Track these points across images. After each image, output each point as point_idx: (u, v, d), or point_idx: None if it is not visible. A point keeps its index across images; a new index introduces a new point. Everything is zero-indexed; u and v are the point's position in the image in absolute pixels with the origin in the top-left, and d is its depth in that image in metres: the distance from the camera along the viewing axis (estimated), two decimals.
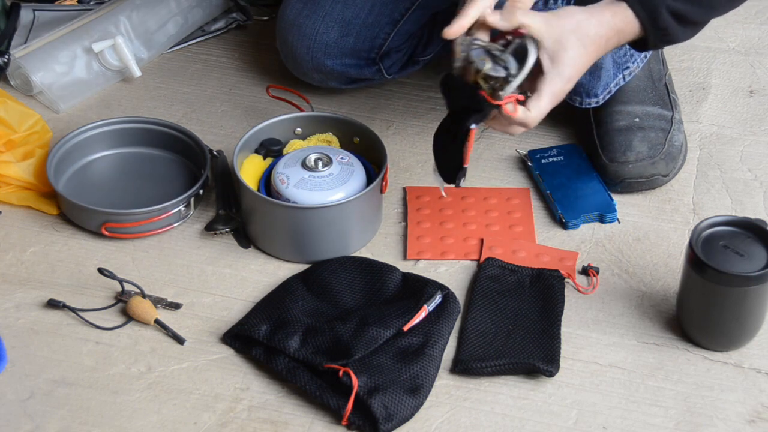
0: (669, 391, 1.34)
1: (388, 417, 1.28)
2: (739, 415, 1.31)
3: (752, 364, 1.37)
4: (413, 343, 1.36)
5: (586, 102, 1.65)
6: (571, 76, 1.35)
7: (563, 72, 1.35)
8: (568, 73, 1.35)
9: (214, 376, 1.36)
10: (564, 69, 1.34)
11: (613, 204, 1.57)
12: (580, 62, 1.36)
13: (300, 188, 1.48)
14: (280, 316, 1.39)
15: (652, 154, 1.59)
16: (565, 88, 1.36)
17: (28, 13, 1.88)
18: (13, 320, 1.43)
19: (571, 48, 1.34)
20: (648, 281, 1.48)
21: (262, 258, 1.52)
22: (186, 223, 1.57)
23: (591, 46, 1.36)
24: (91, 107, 1.80)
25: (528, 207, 1.59)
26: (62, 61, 1.80)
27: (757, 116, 1.76)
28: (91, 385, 1.35)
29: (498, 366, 1.34)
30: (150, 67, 1.88)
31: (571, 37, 1.35)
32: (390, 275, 1.46)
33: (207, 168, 1.59)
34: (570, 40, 1.34)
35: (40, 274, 1.49)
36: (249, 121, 1.74)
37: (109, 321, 1.43)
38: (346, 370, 1.30)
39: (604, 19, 1.37)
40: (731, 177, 1.64)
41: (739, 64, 1.87)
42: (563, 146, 1.67)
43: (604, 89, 1.64)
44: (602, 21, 1.36)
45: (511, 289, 1.46)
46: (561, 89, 1.35)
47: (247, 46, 1.93)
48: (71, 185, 1.62)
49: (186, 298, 1.46)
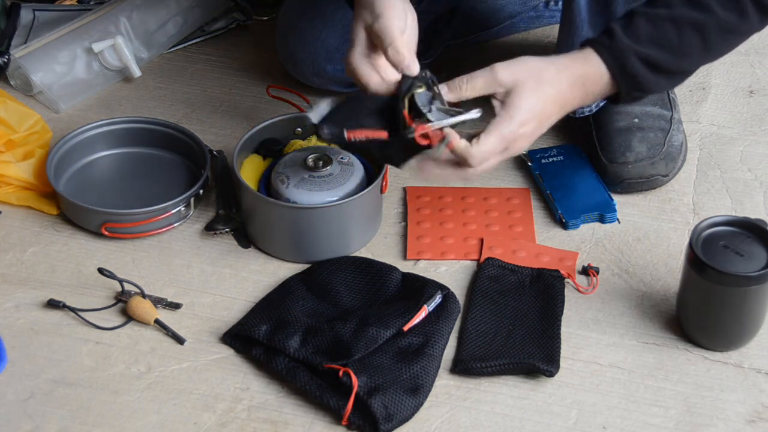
0: (669, 391, 1.34)
1: (388, 417, 1.28)
2: (739, 415, 1.31)
3: (752, 364, 1.37)
4: (413, 343, 1.36)
5: (579, 112, 1.65)
6: (524, 120, 1.33)
7: (514, 116, 1.32)
8: (521, 117, 1.32)
9: (214, 376, 1.36)
10: (515, 113, 1.32)
11: (613, 204, 1.57)
12: (537, 107, 1.33)
13: (300, 188, 1.48)
14: (280, 316, 1.39)
15: (651, 154, 1.59)
16: (518, 132, 1.33)
17: (28, 13, 1.88)
18: (13, 320, 1.43)
19: (524, 93, 1.32)
20: (648, 281, 1.48)
21: (262, 258, 1.52)
22: (186, 223, 1.57)
23: (549, 90, 1.34)
24: (91, 107, 1.80)
25: (528, 207, 1.59)
26: (62, 61, 1.80)
27: (757, 116, 1.76)
28: (91, 385, 1.35)
29: (498, 366, 1.34)
30: (150, 67, 1.88)
31: (527, 83, 1.32)
32: (390, 275, 1.46)
33: (207, 168, 1.59)
34: (525, 85, 1.32)
35: (40, 274, 1.49)
36: (249, 121, 1.74)
37: (109, 321, 1.43)
38: (346, 370, 1.30)
39: (562, 64, 1.36)
40: (731, 177, 1.64)
41: (739, 64, 1.87)
42: (563, 146, 1.67)
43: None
44: (560, 66, 1.35)
45: (511, 289, 1.46)
46: (511, 132, 1.32)
47: (247, 46, 1.93)
48: (71, 185, 1.62)
49: (186, 298, 1.46)
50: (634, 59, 1.36)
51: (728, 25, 1.36)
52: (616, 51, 1.36)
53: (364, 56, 1.36)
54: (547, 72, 1.34)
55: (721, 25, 1.36)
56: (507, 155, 1.35)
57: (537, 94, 1.33)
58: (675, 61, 1.38)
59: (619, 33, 1.36)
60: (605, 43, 1.36)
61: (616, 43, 1.36)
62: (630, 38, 1.35)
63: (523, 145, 1.35)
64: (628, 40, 1.35)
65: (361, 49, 1.36)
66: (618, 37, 1.36)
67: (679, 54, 1.38)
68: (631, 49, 1.35)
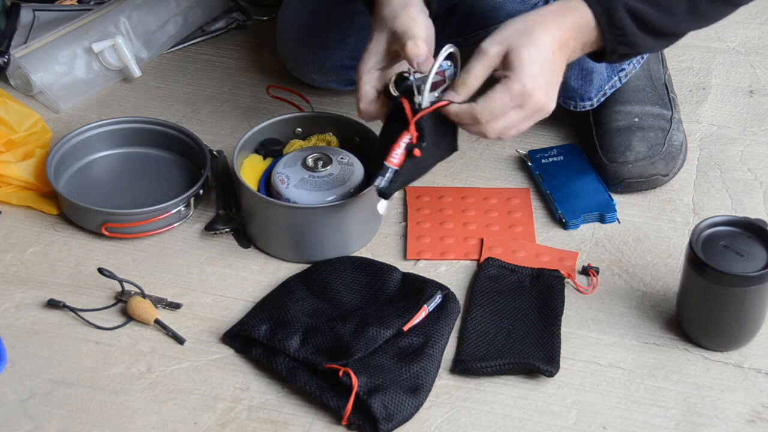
0: (669, 391, 1.34)
1: (388, 417, 1.28)
2: (739, 415, 1.31)
3: (752, 364, 1.37)
4: (413, 343, 1.36)
5: (580, 105, 1.65)
6: (531, 73, 1.30)
7: (519, 72, 1.30)
8: (527, 71, 1.30)
9: (214, 376, 1.36)
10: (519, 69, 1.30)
11: (613, 204, 1.57)
12: (539, 56, 1.31)
13: (300, 188, 1.48)
14: (280, 316, 1.39)
15: (651, 153, 1.59)
16: (529, 86, 1.30)
17: (28, 13, 1.88)
18: (13, 320, 1.43)
19: (521, 50, 1.30)
20: (648, 281, 1.48)
21: (262, 258, 1.52)
22: (186, 223, 1.57)
23: (544, 38, 1.31)
24: (91, 107, 1.80)
25: (528, 207, 1.59)
26: (62, 61, 1.80)
27: (757, 116, 1.76)
28: (91, 385, 1.35)
29: (498, 366, 1.34)
30: (150, 67, 1.88)
31: (519, 40, 1.31)
32: (390, 275, 1.46)
33: (207, 168, 1.59)
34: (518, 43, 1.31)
35: (40, 274, 1.49)
36: (249, 121, 1.74)
37: (109, 321, 1.43)
38: (346, 370, 1.30)
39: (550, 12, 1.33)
40: (731, 177, 1.64)
41: (739, 64, 1.87)
42: (563, 146, 1.67)
43: (598, 92, 1.64)
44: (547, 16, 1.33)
45: (511, 289, 1.46)
46: (521, 87, 1.30)
47: (247, 46, 1.93)
48: (71, 185, 1.62)
49: (186, 298, 1.46)
50: (622, 11, 1.32)
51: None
52: (606, 1, 1.32)
53: (374, 69, 1.37)
54: (535, 25, 1.32)
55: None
56: (528, 113, 1.33)
57: (534, 46, 1.31)
58: (662, 17, 1.35)
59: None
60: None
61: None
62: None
63: (541, 97, 1.32)
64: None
65: (374, 62, 1.37)
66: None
67: (666, 11, 1.34)
68: (620, 2, 1.32)
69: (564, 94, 1.65)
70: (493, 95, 1.32)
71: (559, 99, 1.66)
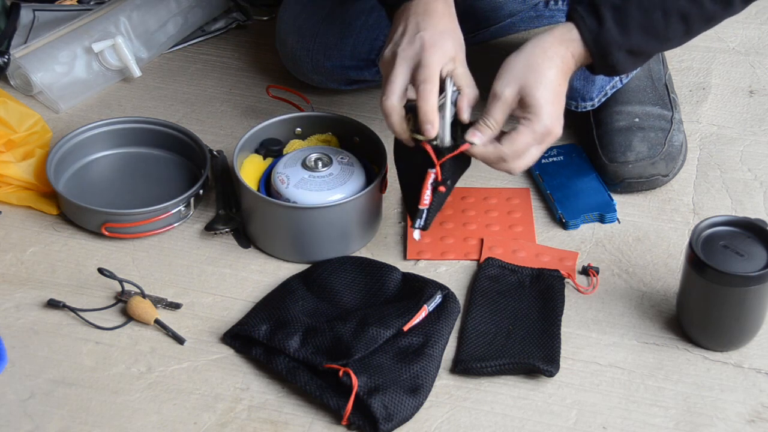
0: (669, 391, 1.34)
1: (388, 417, 1.28)
2: (739, 415, 1.31)
3: (752, 364, 1.37)
4: (413, 343, 1.36)
5: (581, 105, 1.65)
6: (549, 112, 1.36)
7: (539, 113, 1.36)
8: (545, 111, 1.36)
9: (214, 376, 1.36)
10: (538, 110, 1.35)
11: (613, 204, 1.57)
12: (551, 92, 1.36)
13: (300, 188, 1.48)
14: (280, 316, 1.39)
15: (651, 154, 1.59)
16: (549, 124, 1.36)
17: (28, 13, 1.88)
18: (13, 320, 1.43)
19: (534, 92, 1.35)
20: (648, 281, 1.48)
21: (262, 258, 1.52)
22: (186, 223, 1.57)
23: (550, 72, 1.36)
24: (91, 107, 1.80)
25: (528, 207, 1.59)
26: (62, 61, 1.80)
27: (757, 116, 1.76)
28: (91, 385, 1.35)
29: (498, 366, 1.34)
30: (150, 67, 1.88)
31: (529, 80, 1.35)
32: (390, 275, 1.46)
33: (207, 168, 1.59)
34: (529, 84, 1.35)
35: (40, 274, 1.49)
36: (249, 121, 1.74)
37: (109, 321, 1.43)
38: (346, 370, 1.30)
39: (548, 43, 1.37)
40: (731, 177, 1.64)
41: (739, 64, 1.87)
42: (563, 146, 1.67)
43: (599, 92, 1.64)
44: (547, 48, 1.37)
45: (511, 289, 1.46)
46: (543, 127, 1.36)
47: (247, 46, 1.93)
48: (71, 185, 1.62)
49: (186, 298, 1.46)
50: (617, 52, 1.37)
51: (712, 15, 1.39)
52: (602, 41, 1.37)
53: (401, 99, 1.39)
54: (539, 59, 1.36)
55: (705, 15, 1.39)
56: (546, 145, 1.39)
57: (544, 85, 1.35)
58: (658, 46, 1.41)
59: (609, 22, 1.36)
60: (592, 28, 1.37)
61: (604, 33, 1.36)
62: (619, 28, 1.36)
63: (557, 131, 1.38)
64: (617, 30, 1.36)
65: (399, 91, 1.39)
66: (607, 27, 1.36)
67: (663, 40, 1.40)
68: (616, 44, 1.37)
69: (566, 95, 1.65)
70: (518, 138, 1.37)
71: None
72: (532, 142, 1.37)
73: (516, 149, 1.37)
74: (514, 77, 1.36)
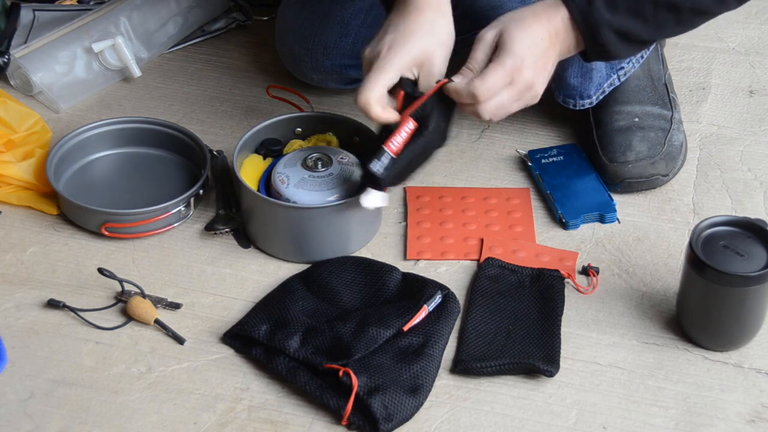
0: (669, 391, 1.34)
1: (388, 417, 1.28)
2: (739, 415, 1.31)
3: (752, 364, 1.37)
4: (413, 343, 1.36)
5: (579, 104, 1.65)
6: (521, 51, 1.36)
7: (510, 49, 1.36)
8: (517, 49, 1.36)
9: (214, 376, 1.36)
10: (510, 47, 1.36)
11: (613, 204, 1.57)
12: (528, 38, 1.36)
13: (300, 188, 1.48)
14: (280, 316, 1.39)
15: (651, 153, 1.59)
16: (519, 63, 1.36)
17: (28, 13, 1.88)
18: (13, 320, 1.43)
19: (513, 32, 1.36)
20: (648, 281, 1.48)
21: (262, 258, 1.52)
22: (186, 223, 1.57)
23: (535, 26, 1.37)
24: (91, 107, 1.80)
25: (528, 207, 1.59)
26: (62, 61, 1.80)
27: (757, 116, 1.76)
28: (91, 385, 1.35)
29: (498, 366, 1.34)
30: (150, 67, 1.88)
31: (511, 24, 1.37)
32: (390, 275, 1.46)
33: (207, 168, 1.59)
34: (511, 26, 1.37)
35: (40, 274, 1.49)
36: (249, 121, 1.74)
37: (109, 321, 1.43)
38: (346, 370, 1.30)
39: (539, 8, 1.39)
40: (731, 177, 1.64)
41: (739, 64, 1.87)
42: (563, 146, 1.67)
43: (597, 89, 1.64)
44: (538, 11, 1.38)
45: (511, 289, 1.46)
46: (513, 63, 1.36)
47: (247, 46, 1.93)
48: (71, 185, 1.62)
49: (186, 298, 1.46)
50: (606, 31, 1.38)
51: (704, 9, 1.40)
52: (591, 19, 1.37)
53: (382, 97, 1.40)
54: (528, 14, 1.38)
55: (696, 9, 1.39)
56: (517, 90, 1.38)
57: (524, 29, 1.37)
58: (647, 31, 1.40)
59: (598, 1, 1.36)
60: (582, 6, 1.37)
61: (593, 12, 1.37)
62: (607, 7, 1.36)
63: (529, 74, 1.37)
64: (606, 9, 1.36)
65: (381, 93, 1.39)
66: (596, 6, 1.36)
67: (653, 26, 1.39)
68: (605, 23, 1.37)
69: (563, 93, 1.65)
70: (488, 72, 1.37)
71: (558, 98, 1.67)
72: (503, 80, 1.36)
73: (488, 86, 1.36)
74: (498, 23, 1.39)
